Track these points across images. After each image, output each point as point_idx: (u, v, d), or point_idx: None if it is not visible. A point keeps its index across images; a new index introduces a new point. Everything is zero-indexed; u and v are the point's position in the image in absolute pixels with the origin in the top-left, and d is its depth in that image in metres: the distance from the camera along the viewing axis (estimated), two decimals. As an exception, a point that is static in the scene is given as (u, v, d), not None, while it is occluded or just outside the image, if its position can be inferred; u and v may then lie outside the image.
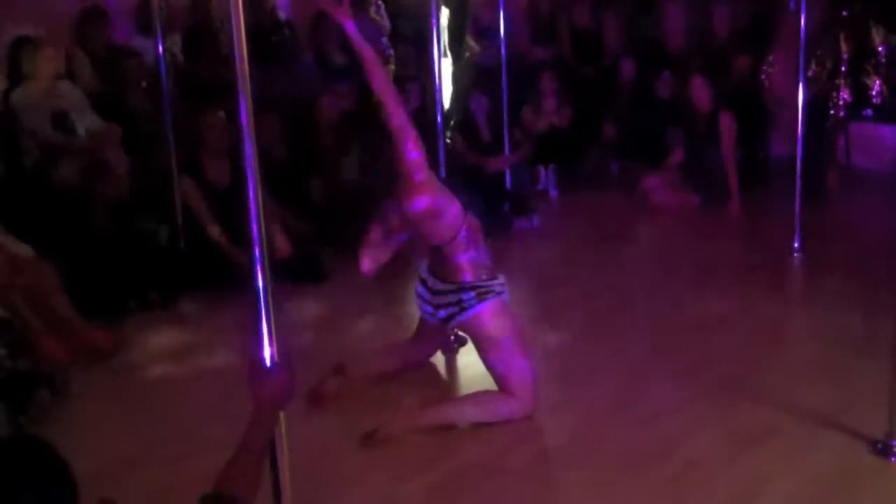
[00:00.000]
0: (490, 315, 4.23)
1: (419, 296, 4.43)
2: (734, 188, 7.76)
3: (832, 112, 8.21)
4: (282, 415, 2.56)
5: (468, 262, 4.24)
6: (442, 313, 4.30)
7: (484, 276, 4.27)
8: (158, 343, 5.44)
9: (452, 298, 4.26)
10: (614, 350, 5.01)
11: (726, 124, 7.73)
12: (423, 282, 4.40)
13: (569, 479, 3.77)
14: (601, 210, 8.11)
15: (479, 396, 4.25)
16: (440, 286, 4.30)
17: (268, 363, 2.52)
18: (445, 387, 4.75)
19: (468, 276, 4.24)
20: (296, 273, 6.00)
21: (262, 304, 2.50)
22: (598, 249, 6.94)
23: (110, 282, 5.78)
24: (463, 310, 4.23)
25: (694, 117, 7.91)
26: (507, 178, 8.00)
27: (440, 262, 4.30)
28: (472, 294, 4.22)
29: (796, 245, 6.41)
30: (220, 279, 5.94)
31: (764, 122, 8.33)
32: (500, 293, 4.29)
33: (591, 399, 4.45)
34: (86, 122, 6.70)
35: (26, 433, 3.78)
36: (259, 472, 2.43)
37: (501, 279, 4.37)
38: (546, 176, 8.62)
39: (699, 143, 7.86)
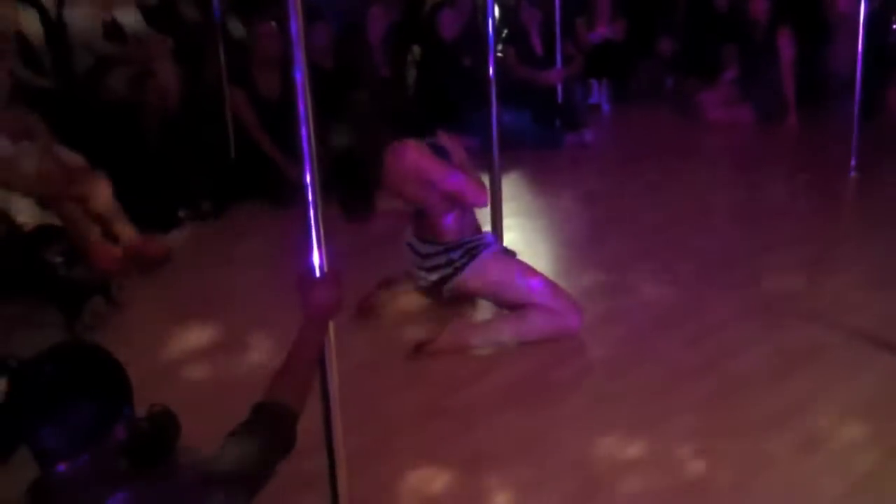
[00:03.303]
0: (485, 266, 4.19)
1: (411, 262, 4.35)
2: (791, 105, 7.62)
3: (894, 28, 7.99)
4: (331, 325, 2.58)
5: (452, 221, 4.19)
6: (434, 276, 4.23)
7: (468, 234, 4.22)
8: (209, 252, 5.50)
9: (441, 260, 4.20)
10: (662, 266, 4.98)
11: (785, 39, 7.56)
12: (411, 247, 4.31)
13: (614, 392, 3.77)
14: (655, 125, 8.01)
15: (526, 314, 4.23)
16: (428, 249, 4.24)
17: (317, 274, 2.53)
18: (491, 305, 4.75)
19: (453, 236, 4.19)
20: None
21: (312, 214, 2.50)
22: (650, 166, 6.86)
23: (162, 191, 5.83)
24: (456, 270, 4.18)
25: (752, 32, 7.74)
26: (559, 92, 7.91)
27: (424, 224, 4.25)
28: (459, 252, 4.18)
29: (853, 163, 6.30)
30: (271, 189, 5.97)
31: (824, 37, 8.12)
32: (488, 245, 4.24)
33: (636, 315, 4.44)
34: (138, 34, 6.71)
35: (82, 339, 3.86)
36: (309, 381, 2.46)
37: (488, 234, 4.36)
38: (599, 90, 8.51)
39: (756, 58, 7.70)
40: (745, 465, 3.25)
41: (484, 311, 4.50)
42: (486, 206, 4.29)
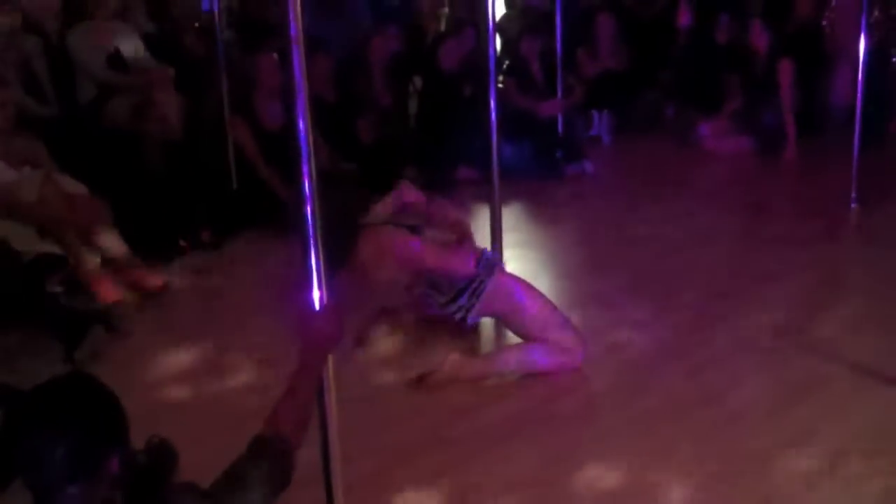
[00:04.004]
0: (493, 298, 4.20)
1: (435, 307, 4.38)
2: (791, 135, 7.63)
3: (894, 59, 8.02)
4: (330, 357, 2.57)
5: (447, 272, 4.20)
6: (457, 317, 4.26)
7: (471, 270, 4.20)
8: (209, 281, 5.49)
9: (453, 308, 4.23)
10: (663, 297, 4.98)
11: (785, 70, 7.58)
12: (428, 296, 4.33)
13: (615, 424, 3.76)
14: (655, 156, 8.02)
15: (528, 346, 4.23)
16: (440, 298, 4.26)
17: (316, 306, 2.53)
18: (493, 336, 4.74)
19: (455, 282, 4.20)
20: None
21: (312, 246, 2.50)
22: (650, 196, 6.87)
23: (162, 220, 5.83)
24: (468, 311, 4.21)
25: (752, 63, 7.77)
26: (560, 123, 7.93)
27: (433, 279, 4.27)
28: (466, 295, 4.20)
29: (853, 195, 6.30)
30: (272, 219, 5.97)
31: (824, 68, 8.15)
32: (490, 274, 4.23)
33: (637, 347, 4.43)
34: (139, 63, 6.74)
35: (79, 371, 3.84)
36: (308, 413, 2.45)
37: (487, 254, 4.35)
38: (599, 121, 8.53)
39: (756, 89, 7.72)
40: (745, 498, 3.23)
41: (486, 342, 4.50)
42: (473, 272, 4.23)
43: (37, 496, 1.92)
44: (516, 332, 4.31)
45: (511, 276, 4.42)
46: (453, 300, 4.22)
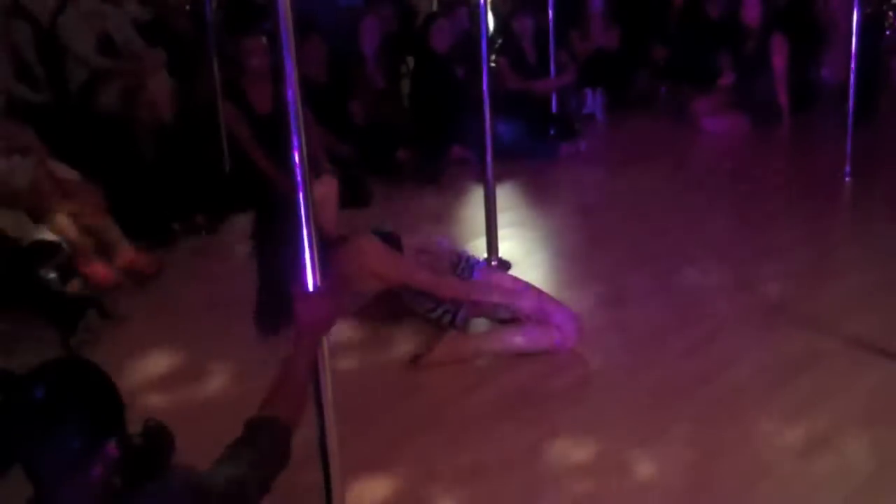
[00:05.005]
0: (478, 300, 4.19)
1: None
2: (785, 110, 7.62)
3: (887, 33, 8.01)
4: (324, 339, 2.57)
5: (431, 290, 4.15)
6: (444, 320, 4.20)
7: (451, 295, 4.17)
8: (203, 265, 5.48)
9: (438, 312, 4.18)
10: (658, 275, 4.97)
11: (778, 45, 7.57)
12: (414, 305, 4.28)
13: (612, 402, 3.76)
14: (649, 134, 8.01)
15: (522, 326, 4.22)
16: (426, 304, 4.20)
17: (310, 288, 2.52)
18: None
19: (442, 300, 4.16)
20: (339, 197, 5.99)
21: (305, 229, 2.50)
22: (645, 174, 6.86)
23: (156, 205, 5.82)
24: (455, 313, 4.17)
25: (744, 38, 7.76)
26: (553, 102, 7.91)
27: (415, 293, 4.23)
28: (449, 301, 4.17)
29: (847, 169, 6.30)
30: (265, 203, 5.96)
31: (816, 43, 8.14)
32: (470, 276, 4.20)
33: (634, 325, 4.43)
34: (131, 48, 6.71)
35: (74, 356, 3.84)
36: (303, 395, 2.45)
37: (465, 254, 4.30)
38: (593, 99, 8.51)
39: (749, 64, 7.71)
40: (744, 473, 3.24)
41: (479, 322, 4.49)
42: (459, 296, 4.19)
43: (36, 482, 1.92)
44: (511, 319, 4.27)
45: (491, 271, 4.41)
46: (438, 305, 4.18)
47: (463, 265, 4.22)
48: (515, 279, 4.39)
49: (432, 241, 4.37)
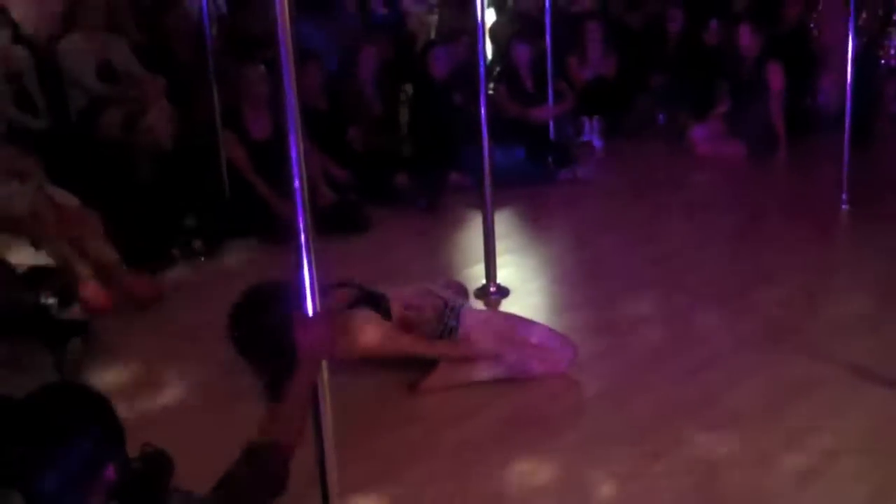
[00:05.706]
0: (467, 334, 4.21)
1: None
2: (782, 138, 7.66)
3: (882, 61, 8.06)
4: (324, 364, 2.58)
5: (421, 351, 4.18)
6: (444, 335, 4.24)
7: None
8: (201, 291, 5.48)
9: (439, 330, 4.22)
10: (656, 301, 4.99)
11: (774, 73, 7.61)
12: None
13: (609, 426, 3.76)
14: (647, 160, 8.03)
15: (515, 352, 4.19)
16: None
17: (310, 313, 2.53)
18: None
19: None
20: (337, 223, 6.02)
21: (305, 254, 2.51)
22: (642, 200, 6.88)
23: (154, 230, 5.83)
24: (454, 329, 4.21)
25: (741, 66, 7.80)
26: (551, 129, 7.94)
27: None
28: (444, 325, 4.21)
29: (844, 196, 6.32)
30: (263, 229, 5.98)
31: (812, 71, 8.19)
32: (457, 322, 4.22)
33: (632, 349, 4.44)
34: (131, 74, 6.74)
35: (70, 381, 3.84)
36: (302, 420, 2.46)
37: (450, 301, 4.31)
38: (590, 126, 8.54)
39: (746, 92, 7.75)
40: (741, 499, 3.24)
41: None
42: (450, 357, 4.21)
43: (33, 506, 1.93)
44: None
45: (478, 313, 4.46)
46: (437, 324, 4.21)
47: (448, 313, 4.24)
48: (507, 316, 4.42)
49: (417, 292, 4.34)
